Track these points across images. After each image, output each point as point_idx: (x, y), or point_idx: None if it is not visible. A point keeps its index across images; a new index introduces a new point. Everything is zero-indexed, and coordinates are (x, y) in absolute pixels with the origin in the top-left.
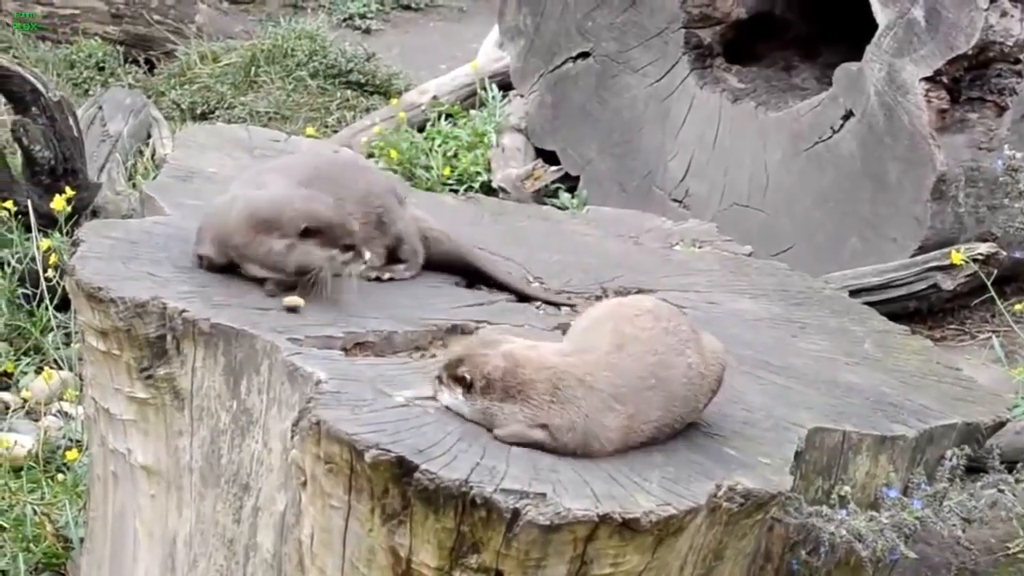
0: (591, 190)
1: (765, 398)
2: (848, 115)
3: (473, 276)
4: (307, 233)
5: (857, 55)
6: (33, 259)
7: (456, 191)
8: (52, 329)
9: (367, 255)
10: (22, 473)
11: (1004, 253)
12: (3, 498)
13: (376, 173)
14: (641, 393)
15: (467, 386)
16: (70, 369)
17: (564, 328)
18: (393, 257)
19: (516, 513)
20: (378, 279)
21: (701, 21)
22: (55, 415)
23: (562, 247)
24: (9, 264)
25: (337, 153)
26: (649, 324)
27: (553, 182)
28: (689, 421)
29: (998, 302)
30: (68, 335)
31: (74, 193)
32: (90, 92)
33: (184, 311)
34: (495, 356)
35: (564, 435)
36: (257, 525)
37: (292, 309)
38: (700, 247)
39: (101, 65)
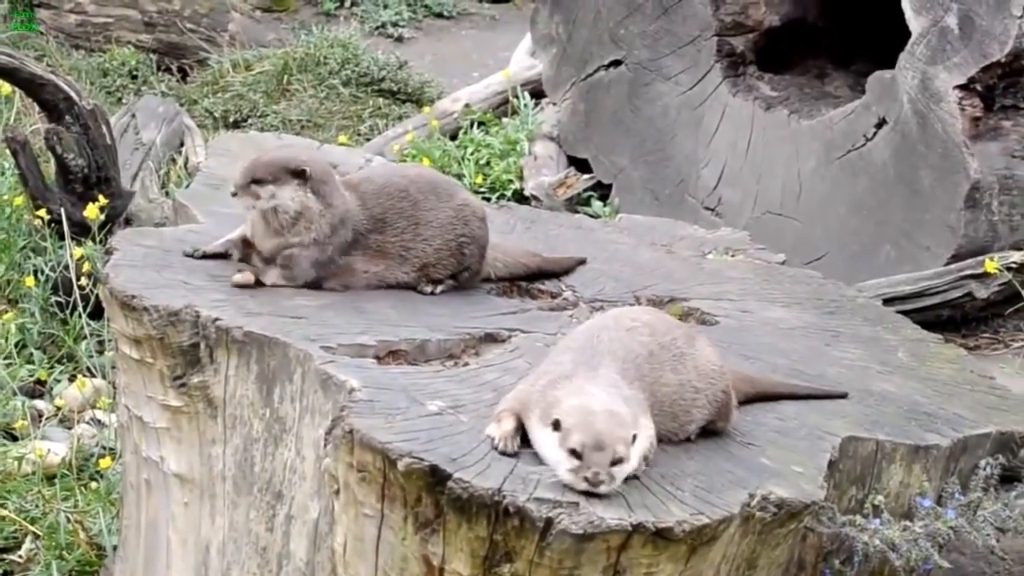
0: (623, 198)
1: (798, 407)
2: (881, 123)
3: None
4: None
5: (890, 63)
6: (66, 267)
7: (489, 199)
8: (85, 337)
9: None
10: (56, 481)
11: None
12: (37, 506)
13: (465, 198)
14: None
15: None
16: (103, 377)
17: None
18: (452, 276)
19: (549, 522)
20: (421, 291)
21: (734, 29)
22: (88, 423)
23: (595, 255)
24: (43, 272)
25: (423, 174)
26: (646, 338)
27: (585, 190)
28: (684, 436)
29: None
30: (101, 343)
31: (107, 201)
32: (123, 100)
33: (217, 319)
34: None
35: None
36: (290, 533)
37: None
38: (733, 255)
39: (134, 73)
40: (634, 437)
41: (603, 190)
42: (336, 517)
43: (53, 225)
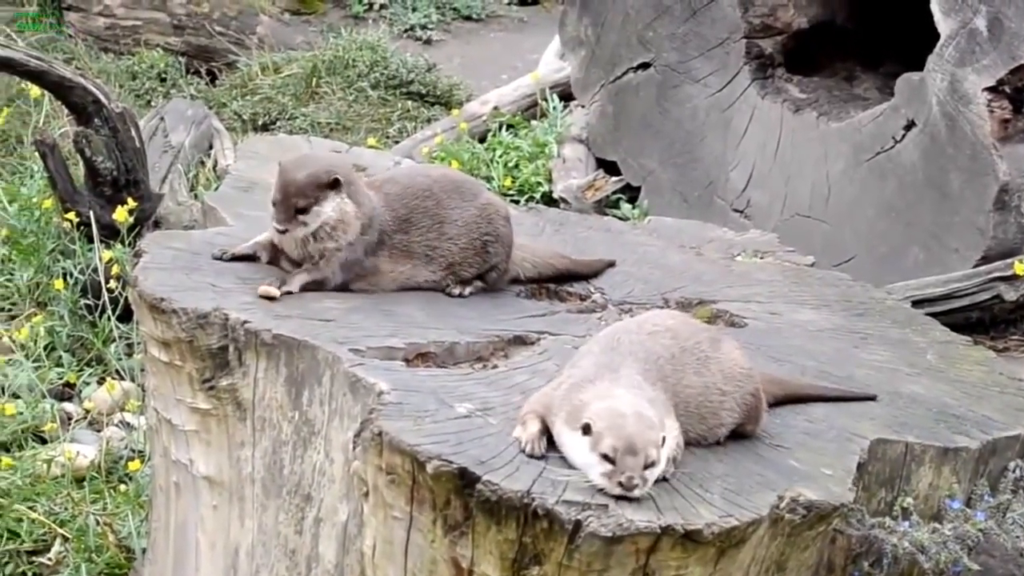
0: (652, 200)
1: (827, 409)
2: (910, 125)
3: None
4: None
5: (919, 65)
6: (95, 270)
7: (517, 202)
8: (114, 340)
9: None
10: (85, 483)
11: None
12: (66, 508)
13: (489, 198)
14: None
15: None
16: (132, 380)
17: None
18: (479, 277)
19: (578, 524)
20: (449, 294)
21: (762, 31)
22: (117, 426)
23: (624, 258)
24: (72, 275)
25: (447, 174)
26: (669, 342)
27: (614, 192)
28: (714, 439)
29: None
30: (130, 346)
31: (136, 204)
32: (152, 103)
33: (246, 322)
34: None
35: None
36: (319, 536)
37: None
38: (762, 257)
39: (163, 76)
40: (663, 439)
41: (632, 192)
42: (365, 520)
43: (82, 228)
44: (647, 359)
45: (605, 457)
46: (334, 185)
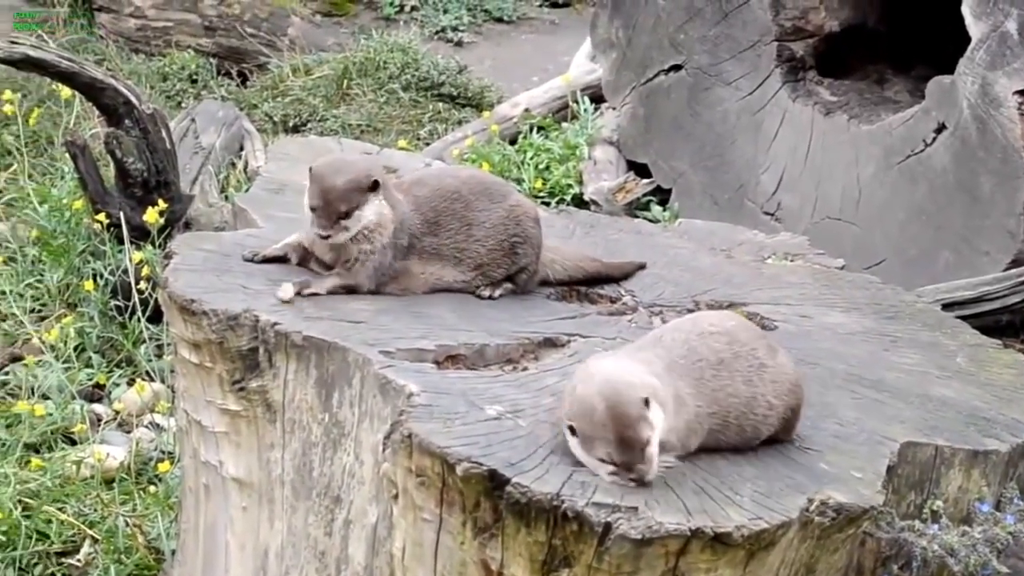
0: (683, 203)
1: (857, 412)
2: (941, 128)
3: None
4: None
5: (950, 68)
6: (125, 271)
7: (548, 204)
8: (144, 341)
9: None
10: (114, 485)
11: None
12: (95, 510)
13: (517, 199)
14: (699, 415)
15: None
16: (162, 381)
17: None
18: (507, 279)
19: (608, 527)
20: (479, 296)
21: (793, 34)
22: (147, 427)
23: (654, 260)
24: (102, 276)
25: (475, 176)
26: (721, 346)
27: (645, 195)
28: (746, 448)
29: None
30: (160, 347)
31: (167, 205)
32: (183, 104)
33: (276, 324)
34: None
35: None
36: (349, 538)
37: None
38: (792, 260)
39: (194, 77)
40: (646, 401)
41: (663, 195)
42: (395, 522)
43: (112, 229)
44: (684, 355)
45: (603, 460)
46: (374, 187)
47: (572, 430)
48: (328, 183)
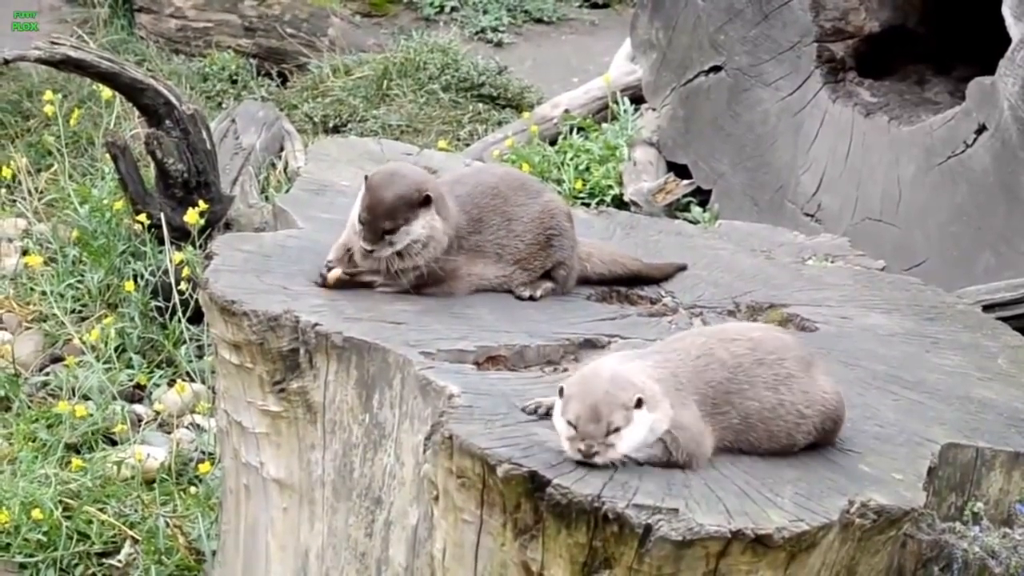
0: (723, 204)
1: (898, 414)
2: (981, 129)
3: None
4: None
5: (990, 69)
6: (166, 272)
7: (588, 205)
8: (185, 342)
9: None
10: (155, 485)
11: None
12: (136, 510)
13: (551, 195)
14: (711, 415)
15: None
16: (202, 382)
17: None
18: (546, 276)
19: (648, 528)
20: (519, 296)
21: (834, 35)
22: (187, 428)
23: (694, 261)
24: (142, 277)
25: (510, 172)
26: (742, 351)
27: (685, 196)
28: (787, 453)
29: None
30: (200, 348)
31: (207, 206)
32: (223, 105)
33: (317, 324)
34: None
35: None
36: (389, 539)
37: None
38: (832, 261)
39: (234, 78)
40: (639, 401)
41: (703, 196)
42: (435, 523)
43: (153, 230)
44: (696, 357)
45: (570, 423)
46: (425, 202)
47: (560, 391)
48: (377, 197)
